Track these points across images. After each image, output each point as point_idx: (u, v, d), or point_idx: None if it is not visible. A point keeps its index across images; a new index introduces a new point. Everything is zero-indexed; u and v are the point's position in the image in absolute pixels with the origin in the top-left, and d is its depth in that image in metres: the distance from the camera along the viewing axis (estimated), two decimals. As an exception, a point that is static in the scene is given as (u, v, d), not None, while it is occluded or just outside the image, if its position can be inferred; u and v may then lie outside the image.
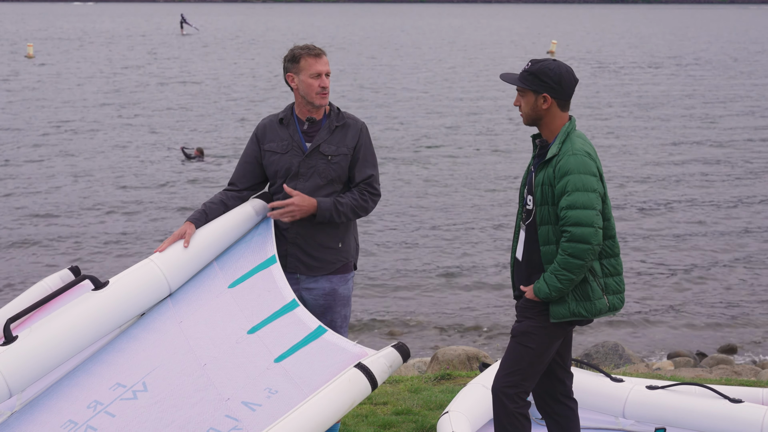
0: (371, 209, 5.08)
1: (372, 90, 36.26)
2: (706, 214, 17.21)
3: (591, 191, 4.42)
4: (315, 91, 4.97)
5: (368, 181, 5.05)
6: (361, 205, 5.00)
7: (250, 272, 4.75)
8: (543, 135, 4.64)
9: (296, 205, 4.87)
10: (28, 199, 18.02)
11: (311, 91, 4.97)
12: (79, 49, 56.47)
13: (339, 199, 4.95)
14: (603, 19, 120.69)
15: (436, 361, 8.65)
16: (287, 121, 5.09)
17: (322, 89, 4.97)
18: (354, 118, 5.13)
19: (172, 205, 17.62)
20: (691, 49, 61.62)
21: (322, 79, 4.97)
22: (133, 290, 4.45)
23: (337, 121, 5.06)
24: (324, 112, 5.09)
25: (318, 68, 4.97)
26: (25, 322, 4.53)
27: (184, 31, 75.88)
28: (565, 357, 4.85)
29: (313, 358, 4.16)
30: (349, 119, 5.10)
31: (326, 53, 5.06)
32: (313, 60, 4.98)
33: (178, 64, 47.09)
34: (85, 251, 14.66)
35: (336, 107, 5.12)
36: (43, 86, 36.64)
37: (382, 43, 65.73)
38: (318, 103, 5.00)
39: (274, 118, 5.14)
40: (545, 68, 4.52)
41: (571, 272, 4.41)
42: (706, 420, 5.32)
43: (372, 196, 5.06)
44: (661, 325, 11.82)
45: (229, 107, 31.10)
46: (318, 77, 4.97)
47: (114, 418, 3.97)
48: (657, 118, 29.44)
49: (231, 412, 3.93)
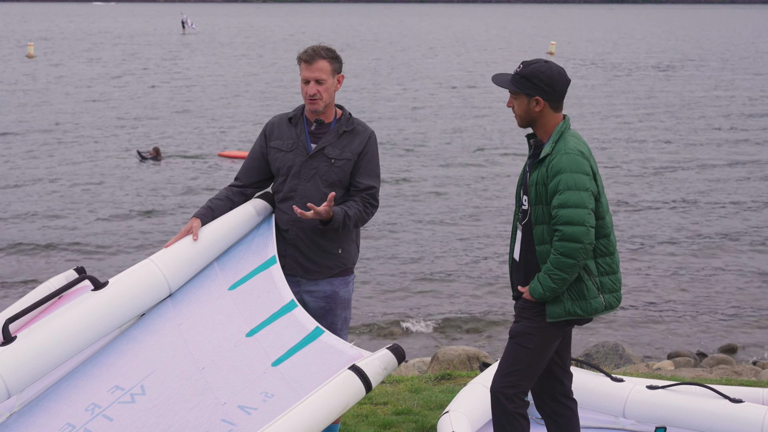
0: (368, 220, 5.05)
1: (373, 90, 36.25)
2: (707, 215, 17.20)
3: (583, 190, 4.41)
4: (305, 97, 4.94)
5: (371, 193, 5.00)
6: (363, 218, 4.97)
7: (251, 274, 4.74)
8: (538, 135, 4.63)
9: (315, 214, 4.74)
10: (28, 199, 18.01)
11: (304, 96, 4.96)
12: (80, 49, 56.46)
13: (348, 212, 4.89)
14: (603, 20, 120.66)
15: (437, 361, 8.64)
16: (296, 120, 5.05)
17: (310, 96, 4.91)
18: (364, 125, 5.07)
19: (172, 206, 17.61)
20: (692, 49, 61.61)
21: (310, 85, 4.90)
22: (133, 291, 4.42)
23: (346, 126, 5.00)
24: (335, 115, 5.04)
25: (305, 75, 4.91)
26: (24, 323, 4.53)
27: (185, 31, 76.25)
28: (564, 357, 4.84)
29: (309, 361, 4.15)
30: (359, 126, 5.04)
31: (327, 56, 4.92)
32: (304, 66, 4.93)
33: (177, 64, 47.07)
34: (85, 252, 14.66)
35: (348, 112, 5.06)
36: (42, 85, 36.62)
37: (386, 42, 65.71)
38: (309, 108, 4.95)
39: (284, 117, 5.10)
40: (536, 71, 4.50)
41: (564, 271, 4.40)
42: (706, 420, 5.31)
43: (372, 208, 5.03)
44: (661, 325, 11.82)
45: (228, 107, 31.10)
46: (306, 83, 4.92)
47: (112, 422, 3.96)
48: (656, 118, 29.44)
49: (227, 416, 3.92)
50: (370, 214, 5.01)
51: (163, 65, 46.17)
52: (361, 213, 4.94)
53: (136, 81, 38.86)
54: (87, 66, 45.47)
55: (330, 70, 4.93)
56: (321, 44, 5.01)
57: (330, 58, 4.94)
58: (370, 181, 5.00)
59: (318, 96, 4.90)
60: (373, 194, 5.01)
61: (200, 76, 40.98)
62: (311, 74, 4.89)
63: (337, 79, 4.99)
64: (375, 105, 31.81)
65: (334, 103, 5.05)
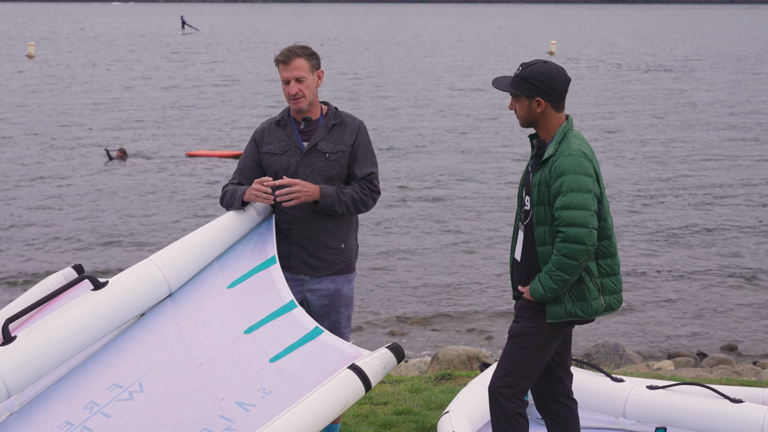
0: (371, 206, 5.06)
1: (373, 90, 36.25)
2: (708, 214, 17.21)
3: (586, 192, 4.42)
4: (287, 97, 4.96)
5: (368, 178, 5.03)
6: (362, 200, 4.99)
7: (250, 272, 4.74)
8: (540, 136, 4.63)
9: (302, 185, 4.83)
10: (28, 201, 18.02)
11: (287, 97, 4.98)
12: (81, 49, 56.48)
13: (342, 189, 4.94)
14: (603, 20, 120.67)
15: (437, 361, 8.64)
16: (284, 122, 5.09)
17: (293, 96, 4.93)
18: (351, 116, 5.12)
19: (174, 207, 17.62)
20: (693, 49, 61.61)
21: (290, 85, 4.93)
22: (133, 291, 4.42)
23: (334, 119, 5.04)
24: (321, 111, 5.08)
25: (285, 75, 4.94)
26: (24, 322, 4.53)
27: (184, 31, 76.41)
28: (564, 357, 4.84)
29: (308, 359, 4.15)
30: (347, 117, 5.09)
31: (303, 54, 4.94)
32: (282, 67, 4.95)
33: (176, 63, 47.10)
34: (86, 251, 14.66)
35: (334, 107, 5.11)
36: (43, 86, 36.64)
37: (385, 42, 65.74)
38: (293, 108, 4.99)
39: (272, 121, 5.14)
40: (536, 72, 4.50)
41: (566, 272, 4.40)
42: (706, 420, 5.31)
43: (372, 193, 5.05)
44: (661, 325, 11.81)
45: (227, 106, 31.13)
46: (287, 84, 4.94)
47: (110, 419, 3.97)
48: (656, 118, 29.44)
49: (225, 413, 3.92)
50: (370, 197, 5.03)
51: (162, 65, 46.19)
52: (359, 194, 4.97)
53: (119, 78, 38.87)
54: (87, 66, 45.48)
55: (308, 68, 4.96)
56: (296, 44, 5.05)
57: (306, 55, 4.97)
58: (367, 168, 5.04)
59: (300, 94, 4.93)
60: (371, 179, 5.04)
61: (197, 77, 41.00)
62: (290, 74, 4.92)
63: (317, 75, 5.02)
64: (375, 105, 31.82)
65: (319, 99, 5.08)
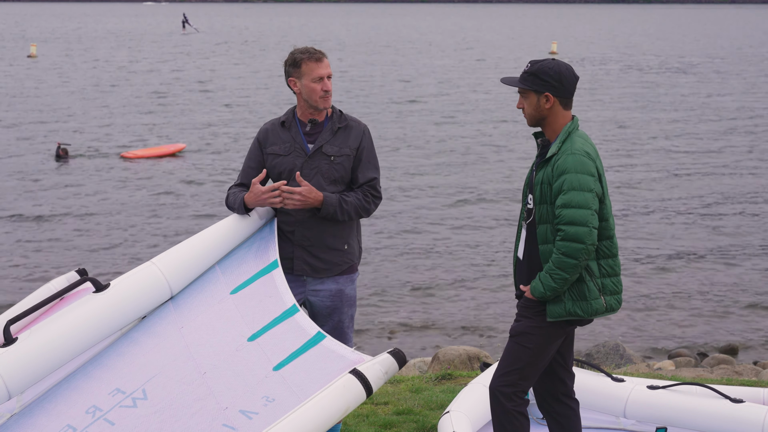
0: (373, 211, 5.11)
1: (374, 90, 36.25)
2: (708, 215, 17.20)
3: (587, 191, 4.43)
4: (318, 95, 5.00)
5: (371, 184, 5.08)
6: (364, 206, 5.03)
7: (253, 278, 4.74)
8: (546, 134, 4.65)
9: (303, 195, 4.87)
10: (29, 201, 18.02)
11: (314, 95, 5.00)
12: (83, 49, 56.48)
13: (344, 197, 4.98)
14: (604, 20, 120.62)
15: (437, 361, 8.64)
16: (289, 123, 5.11)
17: (325, 92, 5.01)
18: (356, 120, 5.15)
19: (175, 206, 17.61)
20: (694, 49, 61.57)
21: (324, 82, 5.00)
22: (135, 293, 4.43)
23: (339, 122, 5.08)
24: (326, 114, 5.11)
25: (320, 72, 5.00)
26: (26, 325, 4.53)
27: (185, 31, 76.50)
28: (566, 357, 4.84)
29: (310, 366, 4.16)
30: (352, 121, 5.13)
31: (326, 55, 5.08)
32: (314, 64, 5.00)
33: (175, 64, 47.11)
34: (87, 254, 14.66)
35: (338, 110, 5.14)
36: (43, 85, 36.64)
37: (388, 43, 65.71)
38: (322, 106, 5.03)
39: (276, 122, 5.17)
40: (545, 67, 4.53)
41: (565, 271, 4.41)
42: (707, 420, 5.31)
43: (374, 199, 5.09)
44: (662, 325, 11.82)
45: (224, 106, 31.11)
46: (320, 81, 5.00)
47: (113, 426, 3.95)
48: (656, 117, 29.43)
49: (228, 421, 3.93)
50: (372, 203, 5.08)
51: (159, 65, 46.20)
52: (362, 201, 5.02)
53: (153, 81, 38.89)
54: (87, 66, 45.47)
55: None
56: (304, 47, 5.15)
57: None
58: (370, 174, 5.09)
59: (331, 92, 5.06)
60: (374, 185, 5.09)
61: (207, 78, 41.00)
62: (326, 71, 5.03)
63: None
64: (375, 105, 31.81)
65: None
